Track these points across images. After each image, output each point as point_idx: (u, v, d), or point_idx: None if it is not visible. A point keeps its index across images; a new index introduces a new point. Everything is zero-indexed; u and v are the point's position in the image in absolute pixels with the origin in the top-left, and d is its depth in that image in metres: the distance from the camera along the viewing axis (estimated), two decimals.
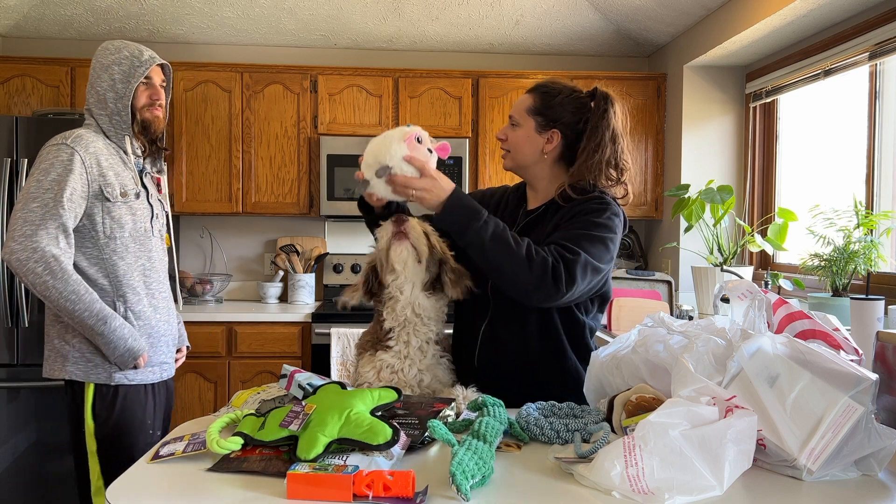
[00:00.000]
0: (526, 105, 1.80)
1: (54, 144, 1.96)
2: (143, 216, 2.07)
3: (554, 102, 1.78)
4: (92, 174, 1.96)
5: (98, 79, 2.06)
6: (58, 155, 1.93)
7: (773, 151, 3.78)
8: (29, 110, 3.78)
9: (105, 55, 2.07)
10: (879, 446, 1.23)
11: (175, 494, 1.16)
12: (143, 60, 2.07)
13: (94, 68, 2.08)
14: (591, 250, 1.64)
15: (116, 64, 2.06)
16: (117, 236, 1.99)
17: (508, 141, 1.83)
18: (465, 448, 1.17)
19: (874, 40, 2.85)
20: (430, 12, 4.01)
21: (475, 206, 1.63)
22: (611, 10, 3.94)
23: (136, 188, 2.05)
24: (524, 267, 1.57)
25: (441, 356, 1.74)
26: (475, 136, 4.02)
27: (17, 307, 3.28)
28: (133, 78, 2.05)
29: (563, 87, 1.81)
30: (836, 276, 2.71)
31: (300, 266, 4.11)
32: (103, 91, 2.05)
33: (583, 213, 1.71)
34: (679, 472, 1.10)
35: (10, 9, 3.84)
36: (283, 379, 1.49)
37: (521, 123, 1.81)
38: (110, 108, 2.05)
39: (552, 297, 1.60)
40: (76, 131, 2.01)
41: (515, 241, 1.60)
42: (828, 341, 1.39)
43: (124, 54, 2.06)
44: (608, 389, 1.51)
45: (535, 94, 1.81)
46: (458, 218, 1.61)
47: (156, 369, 2.06)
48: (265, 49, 4.29)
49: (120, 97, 2.04)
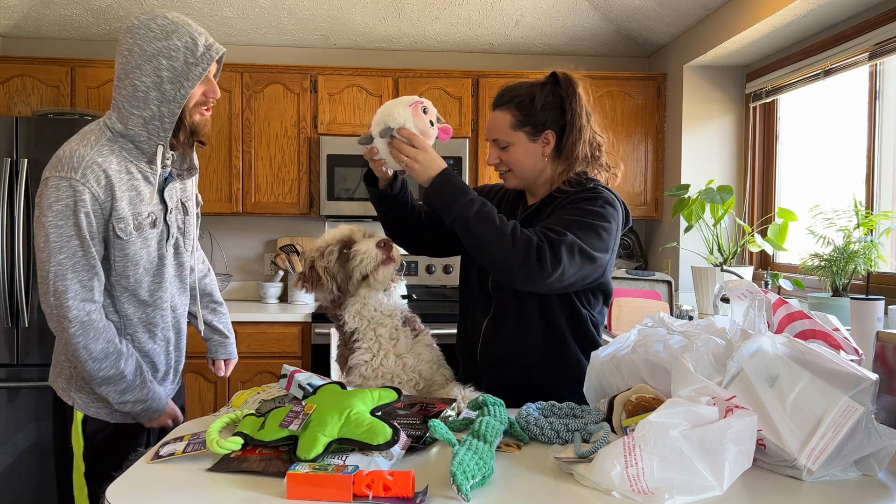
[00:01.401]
0: (508, 122, 1.77)
1: (62, 177, 1.62)
2: (160, 242, 1.78)
3: (535, 107, 1.75)
4: (105, 210, 1.66)
5: (137, 69, 1.63)
6: (67, 194, 1.62)
7: (773, 151, 3.78)
8: (29, 110, 3.78)
9: (149, 39, 1.63)
10: (879, 446, 1.23)
11: (175, 494, 1.16)
12: (199, 55, 1.65)
13: (130, 51, 1.63)
14: (579, 234, 1.61)
15: (165, 56, 1.63)
16: (130, 274, 1.73)
17: (504, 162, 1.80)
18: (465, 448, 1.17)
19: (874, 40, 2.85)
20: (430, 12, 4.01)
21: (463, 185, 1.64)
22: (611, 10, 3.94)
23: (153, 213, 1.74)
24: (508, 244, 1.56)
25: (416, 334, 1.76)
26: (475, 136, 4.02)
27: (17, 307, 3.28)
28: (187, 79, 1.65)
29: (531, 86, 1.78)
30: (836, 276, 2.71)
31: (300, 266, 4.11)
32: (145, 88, 1.64)
33: (574, 201, 1.71)
34: (679, 472, 1.10)
35: (10, 9, 3.84)
36: (283, 379, 1.49)
37: (511, 142, 1.78)
38: (151, 112, 1.65)
39: (537, 277, 1.57)
40: (85, 153, 1.64)
41: (500, 220, 1.60)
42: (828, 341, 1.39)
43: (175, 43, 1.63)
44: (608, 389, 1.51)
45: (509, 108, 1.78)
46: (445, 194, 1.63)
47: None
48: (265, 49, 4.29)
49: (167, 100, 1.65)
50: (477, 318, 1.85)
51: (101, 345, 1.68)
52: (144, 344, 1.81)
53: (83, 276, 1.65)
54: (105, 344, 1.69)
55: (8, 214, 3.27)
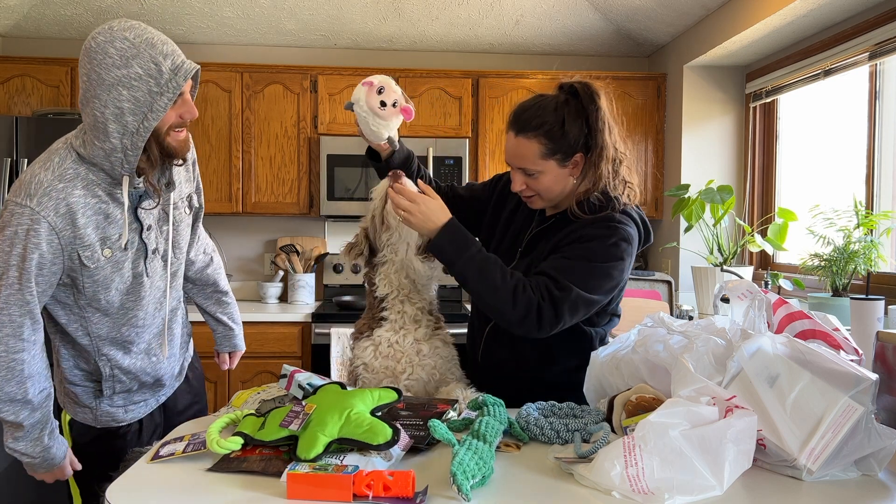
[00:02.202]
0: (535, 152, 1.65)
1: (16, 203, 1.50)
2: (136, 261, 1.65)
3: (564, 133, 1.65)
4: (64, 240, 1.52)
5: (95, 98, 1.48)
6: (20, 221, 1.49)
7: (773, 151, 3.78)
8: (29, 110, 3.78)
9: (106, 67, 1.47)
10: (879, 446, 1.23)
11: (175, 494, 1.16)
12: (164, 82, 1.48)
13: (89, 78, 1.49)
14: (587, 283, 1.59)
15: (125, 86, 1.46)
16: (101, 297, 1.62)
17: (531, 188, 1.71)
18: (465, 448, 1.17)
19: (874, 40, 2.85)
20: (430, 12, 4.01)
21: (463, 240, 1.63)
22: (611, 10, 3.94)
23: (124, 237, 1.60)
24: (508, 303, 1.58)
25: (436, 328, 1.77)
26: (475, 136, 4.02)
27: None
28: (152, 110, 1.49)
29: (556, 111, 1.66)
30: (836, 276, 2.71)
31: (300, 266, 4.11)
32: (104, 120, 1.48)
33: (586, 238, 1.65)
34: (679, 472, 1.10)
35: (10, 9, 3.85)
36: (283, 379, 1.49)
37: (540, 170, 1.67)
38: (112, 145, 1.50)
39: (534, 332, 1.60)
40: (44, 179, 1.51)
41: (502, 276, 1.59)
42: (828, 341, 1.39)
43: (136, 71, 1.46)
44: (608, 389, 1.51)
45: (536, 136, 1.65)
46: (446, 252, 1.63)
47: (149, 402, 1.83)
48: (265, 49, 4.29)
49: (129, 133, 1.49)
50: (481, 320, 1.85)
51: (11, 387, 1.55)
52: (121, 361, 1.72)
53: (13, 311, 1.53)
54: (15, 388, 1.55)
55: None
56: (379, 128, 1.76)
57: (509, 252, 1.80)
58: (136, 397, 1.80)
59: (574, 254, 1.63)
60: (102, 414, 1.75)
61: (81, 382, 1.74)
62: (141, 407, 1.82)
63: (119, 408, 1.77)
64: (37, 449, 1.62)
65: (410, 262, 1.71)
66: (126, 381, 1.74)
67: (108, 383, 1.72)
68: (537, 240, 1.76)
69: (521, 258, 1.77)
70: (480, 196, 1.94)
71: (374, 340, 1.71)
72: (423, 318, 1.74)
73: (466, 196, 1.95)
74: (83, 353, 1.70)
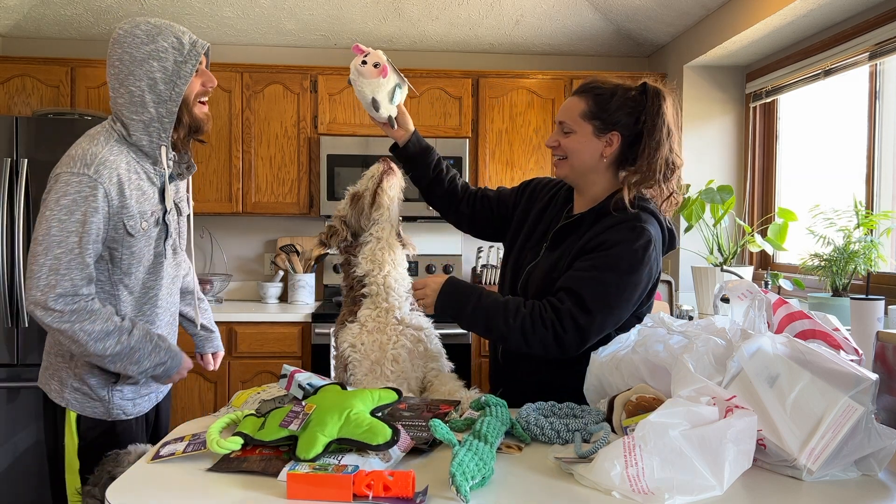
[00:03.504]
0: (580, 110, 1.71)
1: (74, 173, 1.63)
2: (159, 240, 1.80)
3: (610, 105, 1.69)
4: (113, 208, 1.67)
5: (130, 75, 1.69)
6: (79, 189, 1.62)
7: (773, 151, 3.78)
8: (29, 110, 3.78)
9: (136, 45, 1.69)
10: (879, 446, 1.23)
11: (175, 494, 1.16)
12: (187, 52, 1.71)
13: (121, 60, 1.70)
14: (613, 299, 1.60)
15: (154, 58, 1.69)
16: (133, 272, 1.75)
17: (562, 147, 1.74)
18: (465, 448, 1.17)
19: (874, 40, 2.85)
20: (430, 12, 4.01)
21: (462, 297, 1.67)
22: (611, 10, 3.94)
23: (157, 212, 1.77)
24: (522, 345, 1.62)
25: (412, 306, 1.84)
26: (475, 136, 4.02)
27: (17, 307, 3.28)
28: (180, 77, 1.70)
29: (616, 87, 1.71)
30: (836, 276, 2.71)
31: (300, 266, 4.11)
32: (140, 92, 1.69)
33: (611, 244, 1.64)
34: (679, 472, 1.10)
35: (10, 9, 3.85)
36: (283, 379, 1.49)
37: (575, 129, 1.71)
38: (150, 114, 1.71)
39: (560, 357, 1.64)
40: (97, 151, 1.66)
41: (505, 322, 1.61)
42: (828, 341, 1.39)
43: (163, 45, 1.69)
44: (608, 389, 1.51)
45: (587, 97, 1.71)
46: (451, 311, 1.68)
47: (151, 396, 1.91)
48: (265, 49, 4.29)
49: (163, 101, 1.70)
50: None
51: (99, 325, 1.65)
52: None
53: (76, 275, 1.63)
54: (103, 324, 1.66)
55: (8, 214, 3.27)
56: (362, 87, 1.86)
57: (536, 248, 1.82)
58: (143, 389, 1.86)
59: (600, 263, 1.62)
60: (114, 406, 1.80)
61: (100, 371, 1.77)
62: (146, 401, 1.88)
63: (128, 401, 1.83)
64: (160, 356, 1.75)
65: (392, 243, 1.81)
66: (152, 331, 1.80)
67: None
68: (565, 234, 1.76)
69: (548, 252, 1.77)
70: (507, 201, 1.98)
71: (358, 320, 1.78)
72: (405, 306, 1.81)
73: (494, 197, 2.00)
74: None
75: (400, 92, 1.90)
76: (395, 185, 1.82)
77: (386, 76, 1.84)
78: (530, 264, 1.79)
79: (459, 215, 2.00)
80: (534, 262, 1.78)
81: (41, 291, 1.61)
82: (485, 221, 1.99)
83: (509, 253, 1.89)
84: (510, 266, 1.86)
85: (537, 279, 1.74)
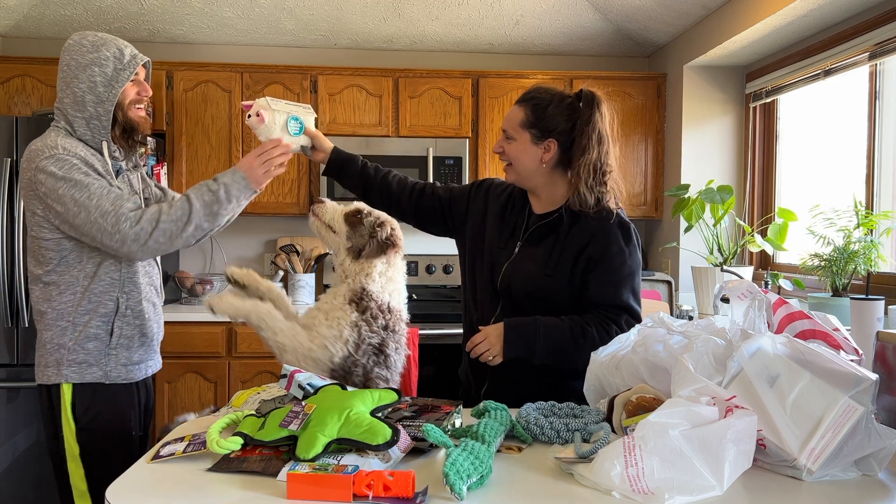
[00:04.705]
0: (518, 119, 1.83)
1: (48, 156, 1.84)
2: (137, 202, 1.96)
3: (546, 113, 1.80)
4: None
5: (74, 79, 1.89)
6: (62, 162, 1.83)
7: (773, 151, 3.78)
8: (29, 110, 3.77)
9: (81, 53, 1.90)
10: (879, 446, 1.23)
11: (175, 494, 1.16)
12: (125, 62, 1.92)
13: (68, 65, 1.91)
14: (639, 290, 1.82)
15: (96, 64, 1.89)
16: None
17: (506, 154, 1.86)
18: (460, 449, 1.17)
19: (874, 40, 2.85)
20: (430, 12, 4.01)
21: (527, 335, 1.73)
22: (611, 10, 3.94)
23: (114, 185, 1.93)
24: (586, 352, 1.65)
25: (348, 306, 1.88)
26: (475, 136, 4.02)
27: (17, 307, 3.28)
28: (117, 81, 1.90)
29: (553, 95, 1.83)
30: (836, 276, 2.71)
31: (300, 266, 4.11)
32: (81, 93, 1.89)
33: (618, 251, 1.79)
34: (679, 472, 1.10)
35: (10, 9, 3.85)
36: (283, 379, 1.49)
37: (516, 137, 1.83)
38: (89, 112, 1.90)
39: None
40: (56, 142, 1.86)
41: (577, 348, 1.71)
42: (828, 341, 1.39)
43: (104, 54, 1.90)
44: (608, 389, 1.51)
45: (526, 106, 1.83)
46: (521, 352, 1.74)
47: (141, 367, 2.00)
48: (265, 49, 4.29)
49: (101, 101, 1.90)
50: (484, 314, 1.88)
51: (170, 210, 1.85)
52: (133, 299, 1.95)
53: (122, 203, 1.83)
54: (168, 210, 1.85)
55: (8, 214, 3.27)
56: (259, 135, 1.94)
57: (508, 246, 1.89)
58: (134, 356, 1.97)
59: (622, 274, 1.79)
60: (112, 369, 1.92)
61: (96, 332, 1.90)
62: (138, 369, 1.99)
63: (122, 366, 1.94)
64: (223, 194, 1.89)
65: (343, 261, 1.94)
66: (132, 324, 1.95)
67: (119, 323, 1.93)
68: (543, 234, 1.84)
69: (525, 250, 1.85)
70: (460, 198, 2.03)
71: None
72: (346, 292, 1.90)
73: (442, 195, 2.04)
74: (108, 292, 1.91)
75: (300, 121, 1.96)
76: (314, 224, 1.95)
77: (265, 122, 1.89)
78: (507, 261, 1.85)
79: (402, 211, 2.04)
80: (509, 259, 1.85)
81: (119, 239, 1.81)
82: (432, 216, 2.04)
83: (477, 250, 1.94)
84: (486, 264, 1.90)
85: (522, 274, 1.82)
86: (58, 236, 1.88)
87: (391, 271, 1.95)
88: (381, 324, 1.93)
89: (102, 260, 1.90)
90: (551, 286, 1.79)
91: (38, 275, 1.91)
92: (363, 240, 2.00)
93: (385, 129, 3.94)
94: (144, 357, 2.01)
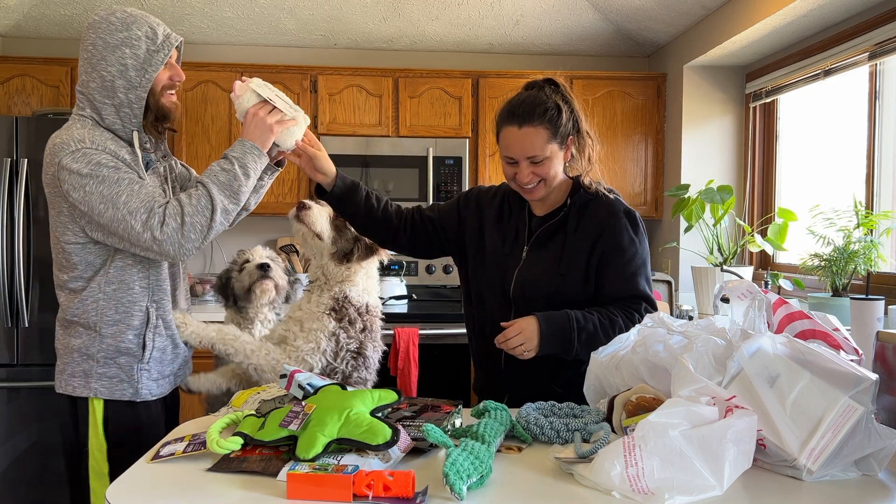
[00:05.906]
0: (542, 139, 1.75)
1: (75, 150, 1.68)
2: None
3: (561, 118, 1.77)
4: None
5: (103, 61, 1.72)
6: (88, 158, 1.68)
7: (773, 151, 3.78)
8: (29, 110, 3.77)
9: (109, 31, 1.72)
10: (879, 446, 1.23)
11: (175, 494, 1.16)
12: (159, 43, 1.75)
13: (94, 45, 1.73)
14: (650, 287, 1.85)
15: (127, 45, 1.71)
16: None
17: (537, 175, 1.78)
18: (460, 449, 1.17)
19: (874, 40, 2.85)
20: (430, 12, 4.01)
21: (562, 330, 1.70)
22: (611, 10, 3.94)
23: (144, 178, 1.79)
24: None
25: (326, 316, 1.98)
26: (475, 136, 4.02)
27: (17, 307, 3.28)
28: (150, 65, 1.74)
29: (547, 98, 1.77)
30: (836, 276, 2.71)
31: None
32: (111, 77, 1.72)
33: (629, 243, 1.80)
34: (679, 472, 1.10)
35: (10, 9, 3.85)
36: (283, 379, 1.49)
37: (546, 155, 1.76)
38: (119, 99, 1.73)
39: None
40: (82, 135, 1.70)
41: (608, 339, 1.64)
42: (828, 341, 1.39)
43: (136, 33, 1.72)
44: (608, 389, 1.51)
45: (542, 123, 1.75)
46: (557, 348, 1.71)
47: (170, 379, 1.90)
48: (265, 49, 4.29)
49: (133, 87, 1.73)
50: (497, 321, 1.81)
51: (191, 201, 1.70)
52: (164, 309, 1.85)
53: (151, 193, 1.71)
54: (187, 199, 1.71)
55: (8, 214, 3.27)
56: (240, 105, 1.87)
57: (515, 251, 1.86)
58: (166, 370, 1.86)
59: (636, 264, 1.81)
60: (143, 386, 1.80)
61: (127, 346, 1.78)
62: (168, 382, 1.89)
63: (154, 381, 1.83)
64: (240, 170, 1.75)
65: (326, 265, 2.02)
66: (163, 335, 1.84)
67: (150, 335, 1.80)
68: (549, 235, 1.84)
69: (533, 253, 1.84)
70: (450, 215, 1.99)
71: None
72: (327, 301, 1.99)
73: (435, 217, 1.99)
74: (137, 302, 1.79)
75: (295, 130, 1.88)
76: (301, 230, 2.02)
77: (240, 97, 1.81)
78: (517, 267, 1.84)
79: (398, 244, 1.98)
80: (518, 265, 1.84)
81: (149, 238, 1.67)
82: (426, 240, 1.98)
83: (480, 258, 1.91)
84: (493, 271, 1.87)
85: (535, 278, 1.81)
86: (83, 240, 1.75)
87: (371, 269, 2.00)
88: (358, 327, 1.97)
89: (129, 266, 1.77)
90: (566, 284, 1.79)
91: (64, 281, 1.79)
92: (349, 244, 2.01)
93: (385, 129, 3.94)
94: (177, 371, 1.92)
